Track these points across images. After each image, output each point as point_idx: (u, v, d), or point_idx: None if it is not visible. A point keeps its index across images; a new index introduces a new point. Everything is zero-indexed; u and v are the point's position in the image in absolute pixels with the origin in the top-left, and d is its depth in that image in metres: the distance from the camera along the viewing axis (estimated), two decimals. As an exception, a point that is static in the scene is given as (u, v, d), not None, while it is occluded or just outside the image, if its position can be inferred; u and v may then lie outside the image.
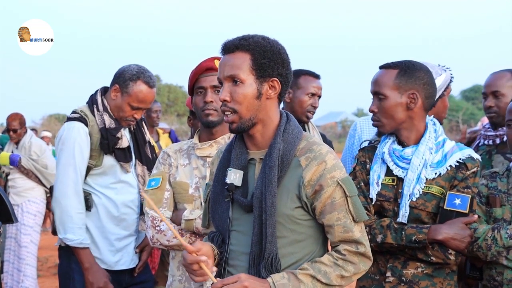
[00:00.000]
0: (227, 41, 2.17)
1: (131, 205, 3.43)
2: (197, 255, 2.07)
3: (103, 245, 3.39)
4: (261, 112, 2.15)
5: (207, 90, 2.84)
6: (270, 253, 2.08)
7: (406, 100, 2.68)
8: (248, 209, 2.14)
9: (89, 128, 3.36)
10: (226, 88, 2.14)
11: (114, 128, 3.38)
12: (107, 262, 3.39)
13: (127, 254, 3.45)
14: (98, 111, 3.39)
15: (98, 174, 3.40)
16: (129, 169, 3.42)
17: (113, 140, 3.35)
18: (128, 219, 3.43)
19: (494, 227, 2.68)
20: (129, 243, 3.45)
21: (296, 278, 2.07)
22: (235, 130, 2.16)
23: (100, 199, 3.39)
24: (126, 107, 3.38)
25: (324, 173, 2.11)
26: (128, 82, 3.37)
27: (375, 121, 2.73)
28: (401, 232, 2.59)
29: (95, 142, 3.36)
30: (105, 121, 3.37)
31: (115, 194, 3.39)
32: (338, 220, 2.12)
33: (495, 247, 2.65)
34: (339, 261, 2.12)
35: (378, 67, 2.78)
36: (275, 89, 2.16)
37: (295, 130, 2.18)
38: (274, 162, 2.10)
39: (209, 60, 2.86)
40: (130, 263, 3.46)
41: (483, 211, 2.78)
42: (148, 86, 3.37)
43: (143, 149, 3.53)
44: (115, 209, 3.39)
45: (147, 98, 3.39)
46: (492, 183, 2.83)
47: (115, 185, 3.40)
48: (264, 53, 2.12)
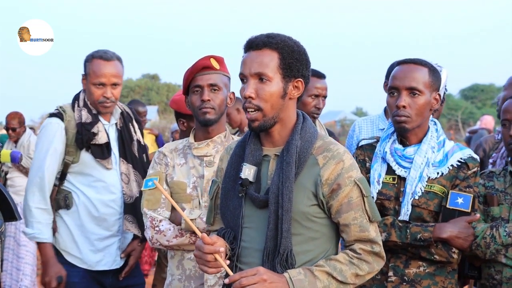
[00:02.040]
0: (253, 37, 2.17)
1: (112, 205, 3.37)
2: (213, 246, 2.09)
3: (84, 244, 3.36)
4: (283, 112, 2.17)
5: (204, 88, 2.82)
6: (285, 249, 2.09)
7: (432, 100, 2.68)
8: (262, 205, 2.15)
9: (65, 123, 3.34)
10: (252, 85, 2.13)
11: (89, 123, 3.34)
12: (87, 262, 3.37)
13: (109, 254, 3.40)
14: (78, 107, 3.38)
15: (79, 172, 3.36)
16: (109, 166, 3.36)
17: (87, 135, 3.31)
18: (109, 219, 3.37)
19: (493, 225, 2.69)
20: (111, 243, 3.40)
21: (312, 274, 2.08)
22: (256, 128, 2.16)
23: (80, 198, 3.36)
24: (92, 89, 3.35)
25: (342, 172, 2.13)
26: (86, 64, 3.39)
27: (403, 117, 2.64)
28: (406, 230, 2.59)
29: (70, 137, 3.33)
30: (82, 116, 3.35)
31: (95, 193, 3.35)
32: (354, 219, 2.15)
33: (494, 245, 2.65)
34: (354, 259, 2.14)
35: (400, 62, 2.72)
36: (298, 89, 2.19)
37: (312, 129, 2.21)
38: (292, 158, 2.12)
39: (205, 59, 2.84)
40: (113, 264, 3.41)
41: (481, 210, 2.79)
42: (102, 60, 3.34)
43: (128, 146, 3.46)
44: (95, 209, 3.35)
45: (105, 70, 3.32)
46: (489, 182, 2.85)
47: (95, 184, 3.36)
48: (292, 53, 2.14)
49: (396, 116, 2.66)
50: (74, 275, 3.37)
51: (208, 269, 2.12)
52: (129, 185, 3.39)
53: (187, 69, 2.87)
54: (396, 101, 2.66)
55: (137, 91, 42.12)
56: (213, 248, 2.09)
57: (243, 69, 2.17)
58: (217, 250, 2.09)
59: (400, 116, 2.65)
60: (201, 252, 2.11)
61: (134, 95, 40.89)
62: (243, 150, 2.25)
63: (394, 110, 2.67)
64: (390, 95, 2.71)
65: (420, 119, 2.67)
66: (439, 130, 2.76)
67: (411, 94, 2.65)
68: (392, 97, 2.69)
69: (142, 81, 44.10)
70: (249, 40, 2.17)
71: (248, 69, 2.14)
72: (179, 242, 2.77)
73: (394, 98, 2.68)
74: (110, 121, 3.47)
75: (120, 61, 3.42)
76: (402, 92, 2.65)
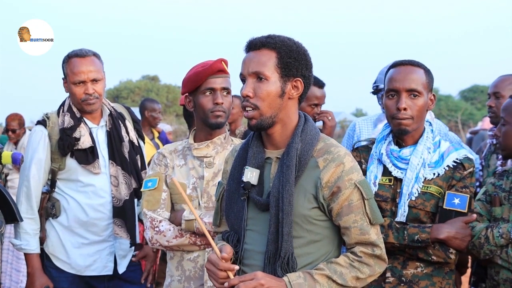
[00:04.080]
0: (253, 38, 2.20)
1: (101, 209, 3.32)
2: (230, 263, 2.12)
3: (72, 249, 3.32)
4: (282, 112, 2.17)
5: (217, 92, 2.83)
6: (286, 252, 2.10)
7: (429, 101, 2.70)
8: (264, 208, 2.16)
9: (49, 130, 3.30)
10: (250, 84, 2.15)
11: (70, 128, 3.28)
12: (75, 267, 3.33)
13: (99, 260, 3.34)
14: (62, 112, 3.35)
15: (67, 179, 3.32)
16: (95, 171, 3.29)
17: (68, 140, 3.25)
18: (99, 224, 3.32)
19: (489, 225, 2.69)
20: (102, 248, 3.35)
21: (312, 278, 2.08)
22: (254, 127, 2.17)
23: (70, 204, 3.31)
24: (73, 89, 3.30)
25: (342, 175, 2.13)
26: (63, 66, 3.35)
27: (406, 119, 2.65)
28: (403, 231, 2.60)
29: (54, 144, 3.29)
30: (64, 121, 3.30)
31: (85, 198, 3.30)
32: (355, 222, 2.14)
33: (487, 245, 2.66)
34: (355, 262, 2.14)
35: (396, 63, 2.72)
36: (297, 89, 2.19)
37: (313, 131, 2.21)
38: (292, 161, 2.12)
39: (218, 62, 2.84)
40: (103, 270, 3.35)
41: (487, 210, 2.79)
42: (78, 57, 3.29)
43: (117, 148, 3.38)
44: (84, 214, 3.30)
45: (82, 68, 3.27)
46: (499, 181, 2.83)
47: (85, 189, 3.31)
48: (290, 53, 2.15)
49: (398, 118, 2.65)
50: (63, 280, 3.33)
51: (218, 284, 2.14)
52: (118, 188, 3.33)
53: (196, 69, 2.86)
54: (395, 104, 2.66)
55: (137, 92, 42.07)
56: (229, 266, 2.11)
57: (242, 69, 2.20)
58: (232, 267, 2.11)
59: (402, 118, 2.65)
60: (214, 268, 2.14)
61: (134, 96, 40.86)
62: (246, 152, 2.25)
63: (394, 112, 2.67)
64: (388, 98, 2.70)
65: (420, 121, 2.69)
66: (434, 131, 2.77)
67: (411, 96, 2.65)
68: (391, 99, 2.69)
69: (142, 83, 44.05)
70: (249, 41, 2.20)
71: (246, 69, 2.17)
72: (179, 242, 2.78)
73: (393, 100, 2.68)
74: (99, 123, 3.41)
75: (97, 57, 3.35)
76: (402, 94, 2.65)
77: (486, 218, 2.77)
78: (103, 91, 3.38)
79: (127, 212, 3.34)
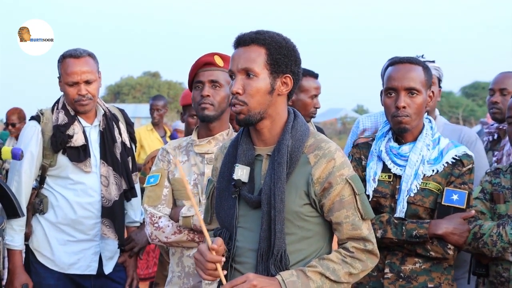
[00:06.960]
0: (241, 34, 2.17)
1: (89, 208, 3.29)
2: (217, 255, 2.08)
3: (57, 246, 3.30)
4: (271, 108, 2.15)
5: (205, 84, 2.83)
6: (279, 250, 2.09)
7: (427, 98, 2.71)
8: (255, 205, 2.15)
9: (42, 125, 3.28)
10: (239, 81, 2.13)
11: (64, 125, 3.27)
12: (59, 264, 3.30)
13: (84, 259, 3.31)
14: (57, 109, 3.33)
15: (57, 175, 3.31)
16: (86, 169, 3.28)
17: (61, 137, 3.24)
18: (86, 223, 3.30)
19: (499, 223, 2.68)
20: (87, 247, 3.32)
21: (305, 275, 2.07)
22: (242, 122, 2.15)
23: (59, 200, 3.30)
24: (66, 89, 3.28)
25: (333, 170, 2.12)
26: (58, 66, 3.33)
27: (403, 117, 2.66)
28: (402, 227, 2.61)
29: (47, 140, 3.27)
30: (58, 118, 3.29)
31: (74, 196, 3.28)
32: (346, 217, 2.13)
33: (501, 243, 2.64)
34: (347, 258, 2.13)
35: (394, 61, 2.73)
36: (287, 85, 2.17)
37: (303, 127, 2.19)
38: (283, 158, 2.10)
39: (208, 55, 2.86)
40: (87, 269, 3.32)
41: (488, 207, 2.79)
42: (72, 58, 3.27)
43: (110, 149, 3.35)
44: (73, 211, 3.28)
45: (75, 68, 3.24)
46: (496, 179, 2.83)
47: (74, 186, 3.29)
48: (280, 49, 2.13)
49: (397, 116, 2.67)
50: (49, 277, 3.31)
51: (204, 275, 2.11)
52: (108, 188, 3.31)
53: (192, 64, 2.89)
54: (394, 102, 2.67)
55: (138, 88, 42.11)
56: (216, 257, 2.07)
57: (231, 65, 2.17)
58: (220, 259, 2.08)
59: (401, 116, 2.66)
60: (202, 258, 2.10)
61: (135, 92, 40.90)
62: (236, 149, 2.23)
63: (393, 110, 2.68)
64: (387, 96, 2.71)
65: (419, 118, 2.70)
66: (434, 127, 2.78)
67: (410, 94, 2.66)
68: (390, 97, 2.70)
69: (143, 79, 44.08)
70: (238, 37, 2.17)
71: (235, 65, 2.14)
72: (177, 238, 2.79)
73: (391, 98, 2.69)
74: (93, 123, 3.38)
75: (92, 57, 3.33)
76: (401, 92, 2.67)
77: (488, 216, 2.77)
78: (97, 92, 3.36)
79: (116, 212, 3.32)
